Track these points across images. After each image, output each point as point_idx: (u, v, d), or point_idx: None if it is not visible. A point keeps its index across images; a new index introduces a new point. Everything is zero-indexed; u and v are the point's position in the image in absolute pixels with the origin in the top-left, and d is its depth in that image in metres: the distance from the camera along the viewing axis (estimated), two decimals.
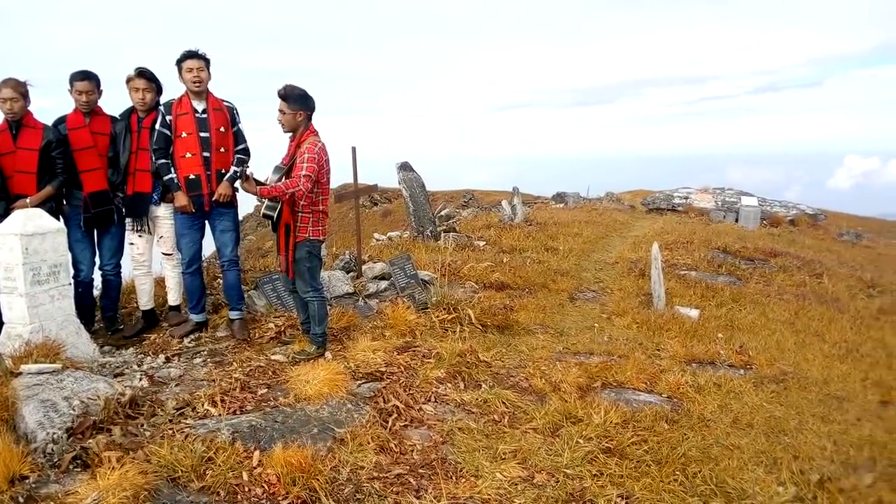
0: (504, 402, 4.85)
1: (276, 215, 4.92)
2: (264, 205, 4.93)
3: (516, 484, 3.75)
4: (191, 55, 5.22)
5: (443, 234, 11.39)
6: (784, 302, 8.87)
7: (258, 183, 4.87)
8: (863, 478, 4.07)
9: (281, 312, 6.11)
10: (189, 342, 5.52)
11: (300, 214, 4.99)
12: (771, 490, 3.80)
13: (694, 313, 7.86)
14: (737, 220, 18.32)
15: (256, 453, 3.63)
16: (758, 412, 5.02)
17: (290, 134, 5.03)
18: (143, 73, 5.46)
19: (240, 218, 6.47)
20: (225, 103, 5.44)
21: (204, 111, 5.30)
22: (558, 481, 3.80)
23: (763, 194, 21.74)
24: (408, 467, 3.85)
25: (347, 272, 7.57)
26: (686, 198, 20.86)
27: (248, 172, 4.88)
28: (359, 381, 4.83)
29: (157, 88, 5.56)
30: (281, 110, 4.92)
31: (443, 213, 17.67)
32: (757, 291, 9.35)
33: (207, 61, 5.29)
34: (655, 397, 5.23)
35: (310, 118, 5.00)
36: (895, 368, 6.58)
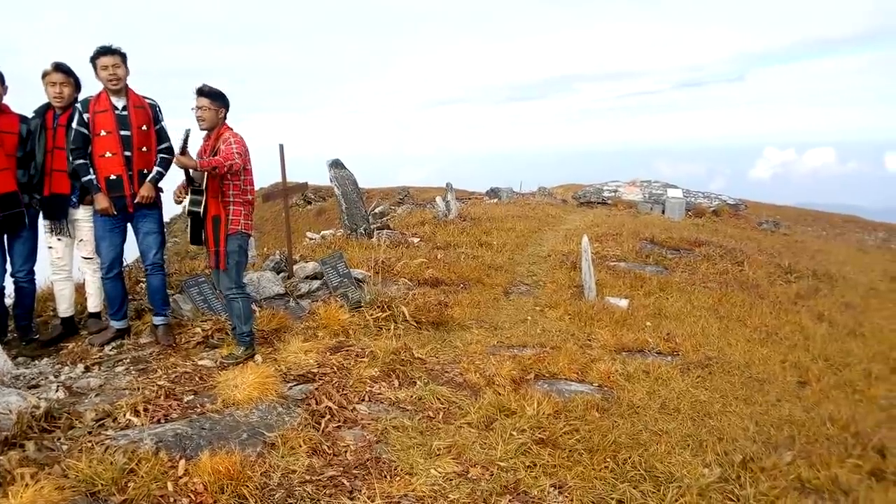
0: (439, 399, 4.85)
1: (202, 211, 4.78)
2: (188, 200, 4.78)
3: (451, 479, 3.76)
4: (105, 51, 5.01)
5: (376, 232, 11.31)
6: (708, 289, 9.18)
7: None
8: (783, 456, 4.26)
9: (208, 316, 5.92)
10: (110, 350, 5.30)
11: (231, 206, 4.89)
12: (697, 472, 3.93)
13: (623, 303, 8.05)
14: (663, 212, 18.87)
15: (182, 462, 3.52)
16: (684, 397, 5.18)
17: (206, 132, 4.92)
18: (59, 67, 5.21)
19: (166, 219, 6.26)
20: (147, 100, 5.25)
21: (124, 108, 5.10)
22: (493, 474, 3.82)
23: (689, 186, 22.47)
24: (341, 469, 3.80)
25: (278, 273, 7.41)
26: (615, 191, 21.37)
27: (187, 148, 4.69)
28: (290, 384, 4.74)
29: (76, 84, 5.32)
30: (204, 107, 4.81)
31: (377, 210, 17.57)
32: (683, 280, 9.65)
33: (124, 56, 5.08)
34: (587, 386, 5.33)
35: (226, 116, 4.96)
36: (812, 350, 6.89)
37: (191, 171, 4.63)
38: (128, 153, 5.09)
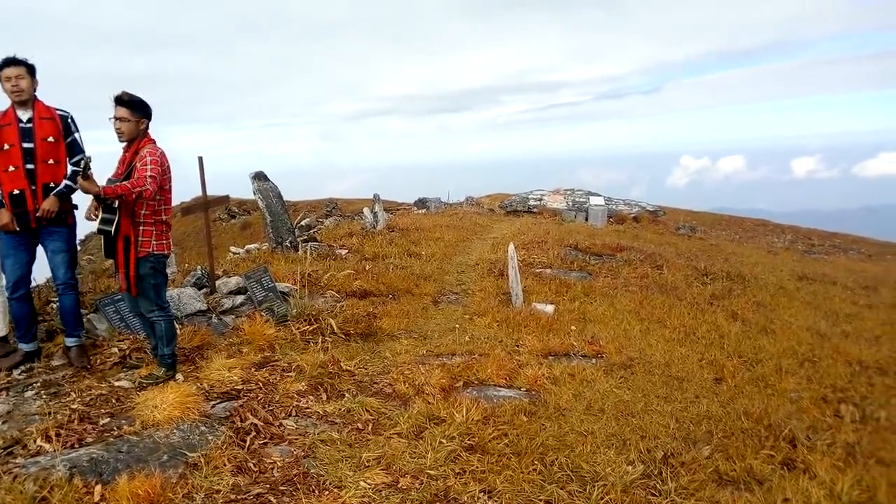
0: (368, 410, 4.81)
1: (113, 230, 4.58)
2: (99, 219, 4.57)
3: (381, 490, 3.73)
4: (8, 62, 4.77)
5: (303, 245, 11.15)
6: (630, 293, 9.47)
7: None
8: (702, 450, 4.44)
9: (125, 335, 5.70)
10: (19, 374, 5.01)
11: (142, 227, 4.67)
12: (621, 470, 4.04)
13: (549, 308, 8.20)
14: (587, 219, 19.38)
15: (98, 487, 3.39)
16: (608, 397, 5.32)
17: (126, 144, 4.72)
18: None
19: (81, 237, 5.98)
20: (58, 112, 5.01)
21: (29, 120, 4.86)
22: (423, 483, 3.82)
23: (610, 193, 23.17)
24: (268, 486, 3.72)
25: (200, 288, 7.20)
26: (540, 199, 21.81)
27: (89, 172, 4.45)
28: (213, 402, 4.61)
29: None
30: (123, 118, 4.58)
31: (303, 222, 17.32)
32: (605, 285, 9.92)
33: (30, 67, 4.86)
34: (515, 391, 5.40)
35: (148, 126, 4.73)
36: (727, 348, 7.19)
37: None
38: (30, 166, 4.84)
